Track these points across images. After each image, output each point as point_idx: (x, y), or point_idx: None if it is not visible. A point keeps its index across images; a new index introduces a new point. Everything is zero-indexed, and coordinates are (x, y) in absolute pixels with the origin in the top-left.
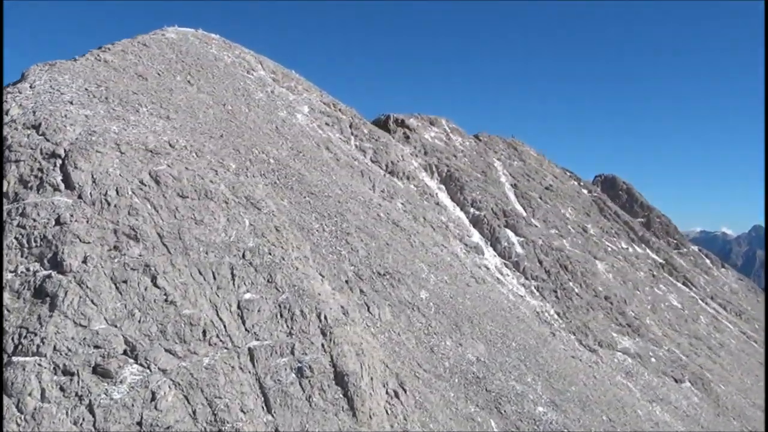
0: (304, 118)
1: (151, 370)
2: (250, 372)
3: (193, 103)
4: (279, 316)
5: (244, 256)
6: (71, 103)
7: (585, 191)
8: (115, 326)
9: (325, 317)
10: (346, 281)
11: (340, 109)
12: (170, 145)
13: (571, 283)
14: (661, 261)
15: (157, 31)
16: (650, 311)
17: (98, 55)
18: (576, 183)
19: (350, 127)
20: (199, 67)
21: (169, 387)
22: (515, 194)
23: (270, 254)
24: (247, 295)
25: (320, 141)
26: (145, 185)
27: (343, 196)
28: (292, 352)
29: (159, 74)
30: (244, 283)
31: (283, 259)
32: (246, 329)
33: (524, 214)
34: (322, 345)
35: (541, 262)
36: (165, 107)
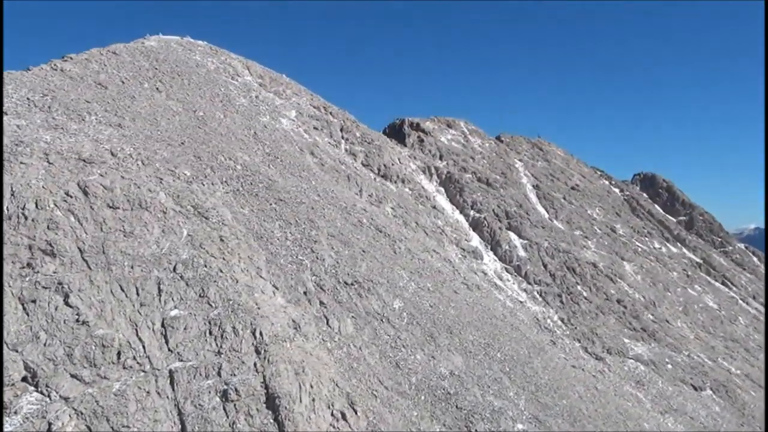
0: (290, 123)
1: (51, 399)
2: (168, 397)
3: (157, 111)
4: (208, 333)
5: (175, 269)
6: (5, 113)
7: (616, 190)
8: (16, 351)
9: (261, 333)
10: (305, 292)
11: (331, 112)
12: (112, 153)
13: (579, 287)
14: (698, 260)
15: (139, 39)
16: (681, 313)
17: (55, 65)
18: (606, 182)
19: (341, 130)
20: (175, 74)
21: (69, 417)
22: (537, 195)
23: (206, 266)
24: (174, 312)
25: (304, 146)
26: (71, 197)
27: (320, 202)
28: (219, 374)
29: (123, 82)
30: (172, 299)
31: (221, 271)
32: (169, 349)
33: (546, 215)
34: (255, 364)
35: (545, 265)
36: (120, 115)
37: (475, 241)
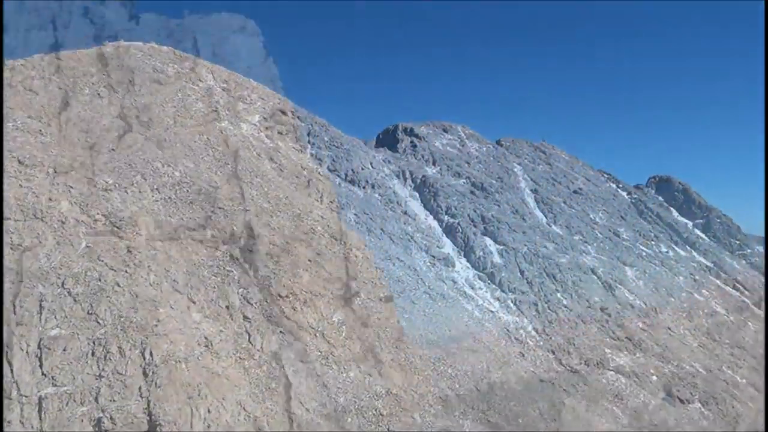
0: (251, 128)
1: None
2: (32, 426)
3: (92, 117)
4: (90, 355)
5: (63, 284)
6: None
7: (623, 193)
8: None
9: (151, 354)
10: (227, 306)
11: (299, 117)
12: (19, 161)
13: (558, 294)
14: (708, 264)
15: (97, 46)
16: (685, 319)
17: None
18: (613, 185)
19: (308, 134)
20: (125, 80)
21: None
22: (535, 200)
23: (100, 280)
24: (54, 332)
25: (263, 151)
26: None
27: (269, 209)
28: (96, 399)
29: (60, 88)
30: (55, 317)
31: (119, 285)
32: (43, 373)
33: (544, 220)
34: (140, 388)
35: (522, 272)
36: (46, 122)
37: (448, 247)
